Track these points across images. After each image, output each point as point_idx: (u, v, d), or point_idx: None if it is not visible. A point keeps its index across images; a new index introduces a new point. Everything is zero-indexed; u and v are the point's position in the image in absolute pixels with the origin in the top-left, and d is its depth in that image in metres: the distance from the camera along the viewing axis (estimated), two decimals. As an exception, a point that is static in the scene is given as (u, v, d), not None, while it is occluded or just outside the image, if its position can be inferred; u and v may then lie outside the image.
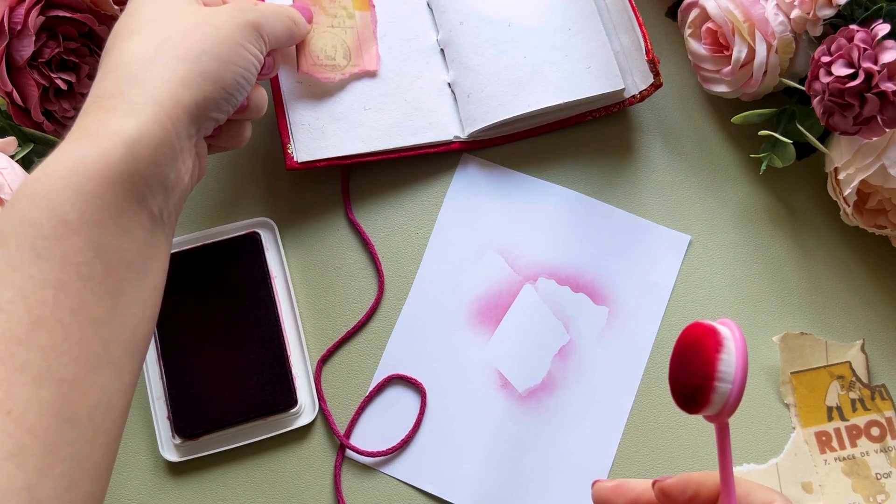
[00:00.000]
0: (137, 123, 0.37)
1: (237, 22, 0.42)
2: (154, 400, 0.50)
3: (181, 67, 0.39)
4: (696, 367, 0.31)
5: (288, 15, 0.48)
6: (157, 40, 0.39)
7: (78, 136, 0.37)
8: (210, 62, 0.40)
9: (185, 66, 0.39)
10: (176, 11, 0.41)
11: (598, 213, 0.54)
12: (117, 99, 0.38)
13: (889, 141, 0.46)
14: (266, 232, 0.53)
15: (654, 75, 0.51)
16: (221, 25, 0.41)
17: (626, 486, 0.36)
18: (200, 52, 0.40)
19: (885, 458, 0.49)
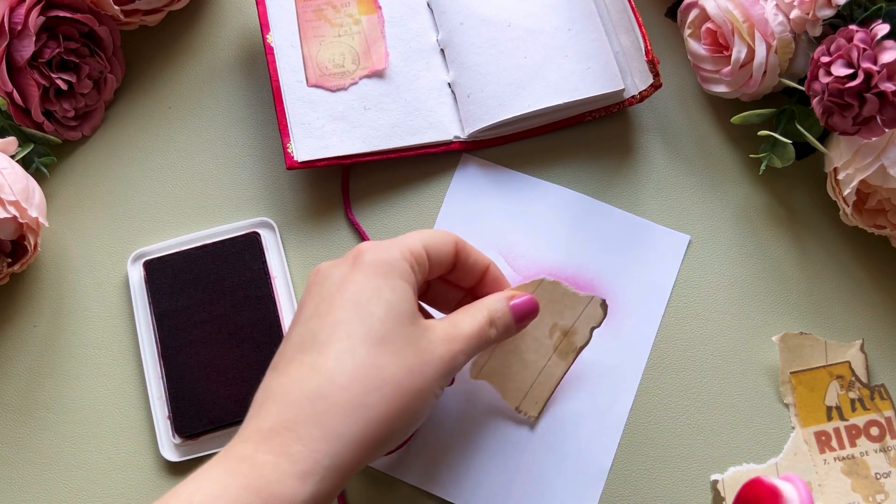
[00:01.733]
0: (311, 491, 0.35)
1: (444, 371, 0.40)
2: (154, 400, 0.50)
3: (373, 430, 0.37)
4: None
5: (506, 325, 0.45)
6: (357, 377, 0.37)
7: (237, 471, 0.35)
8: (401, 424, 0.38)
9: (378, 429, 0.37)
10: (387, 335, 0.39)
11: (597, 213, 0.54)
12: (291, 444, 0.36)
13: (888, 141, 0.46)
14: (266, 232, 0.53)
15: (654, 76, 0.51)
16: (428, 380, 0.39)
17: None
18: (399, 412, 0.37)
19: (885, 457, 0.49)
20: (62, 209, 0.54)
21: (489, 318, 0.43)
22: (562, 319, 0.50)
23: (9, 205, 0.46)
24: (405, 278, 0.41)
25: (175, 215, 0.54)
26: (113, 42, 0.55)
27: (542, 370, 0.50)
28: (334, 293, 0.40)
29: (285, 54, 0.53)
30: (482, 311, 0.44)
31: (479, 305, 0.44)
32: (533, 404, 0.50)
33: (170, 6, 0.56)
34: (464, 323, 0.42)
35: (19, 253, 0.50)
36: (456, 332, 0.42)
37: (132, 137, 0.56)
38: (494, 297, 0.45)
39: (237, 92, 0.57)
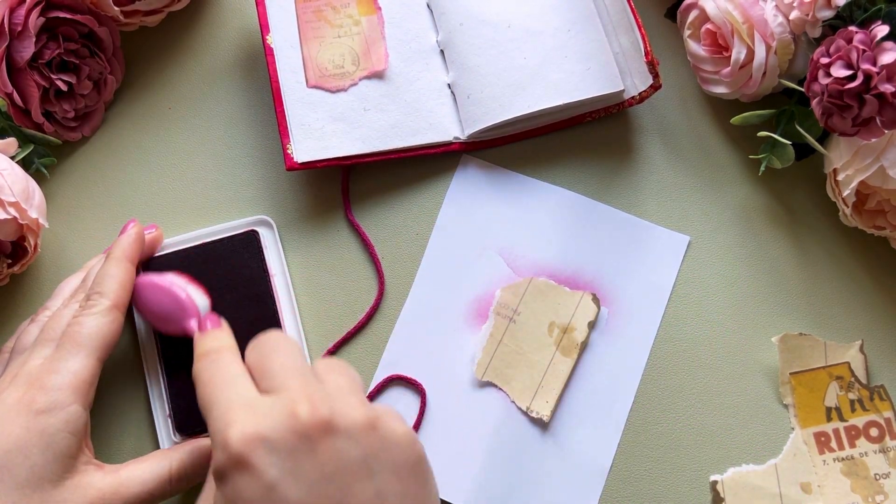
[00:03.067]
0: None
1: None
2: (154, 398, 0.50)
3: None
4: None
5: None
6: None
7: None
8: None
9: None
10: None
11: (597, 214, 0.54)
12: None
13: (888, 142, 0.46)
14: (265, 230, 0.53)
15: (654, 76, 0.51)
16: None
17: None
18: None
19: (884, 458, 0.49)
20: (62, 210, 0.54)
21: (175, 475, 0.44)
22: (558, 317, 0.50)
23: (9, 206, 0.46)
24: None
25: (175, 216, 0.54)
26: (113, 43, 0.55)
27: (547, 368, 0.50)
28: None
29: (285, 55, 0.54)
30: (164, 466, 0.44)
31: (165, 456, 0.45)
32: (544, 403, 0.50)
33: (170, 7, 0.56)
34: (133, 482, 0.43)
35: (19, 254, 0.50)
36: (120, 493, 0.43)
37: (132, 138, 0.56)
38: (188, 446, 0.46)
39: (237, 93, 0.57)
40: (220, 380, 0.38)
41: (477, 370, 0.51)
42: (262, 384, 0.38)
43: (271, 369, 0.38)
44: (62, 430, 0.42)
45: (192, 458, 0.45)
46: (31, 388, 0.42)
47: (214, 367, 0.39)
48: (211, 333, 0.43)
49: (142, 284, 0.48)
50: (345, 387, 0.37)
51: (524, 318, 0.51)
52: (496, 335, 0.51)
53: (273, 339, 0.40)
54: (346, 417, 0.35)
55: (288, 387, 0.36)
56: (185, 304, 0.47)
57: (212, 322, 0.44)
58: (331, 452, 0.34)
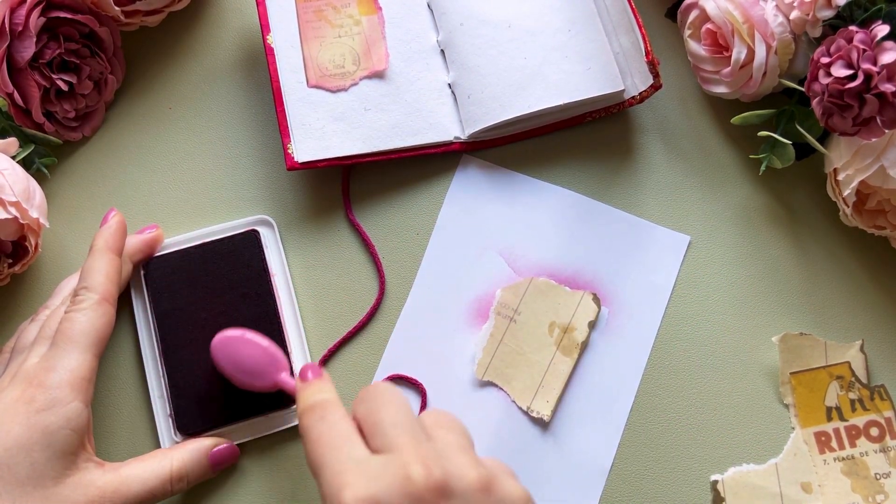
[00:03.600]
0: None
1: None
2: (155, 398, 0.50)
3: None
4: None
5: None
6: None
7: None
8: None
9: None
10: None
11: (597, 214, 0.54)
12: None
13: (888, 142, 0.46)
14: (266, 230, 0.53)
15: (654, 76, 0.51)
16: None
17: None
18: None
19: (885, 458, 0.49)
20: (63, 210, 0.54)
21: (176, 475, 0.44)
22: (558, 317, 0.50)
23: (10, 206, 0.46)
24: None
25: (175, 216, 0.54)
26: (113, 43, 0.55)
27: (547, 368, 0.50)
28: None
29: (285, 55, 0.54)
30: (165, 466, 0.44)
31: (165, 456, 0.45)
32: (544, 403, 0.50)
33: (170, 7, 0.56)
34: (134, 480, 0.43)
35: (20, 254, 0.50)
36: (120, 491, 0.43)
37: (132, 138, 0.56)
38: (189, 446, 0.46)
39: (237, 92, 0.57)
40: (330, 438, 0.37)
41: (477, 370, 0.51)
42: (371, 442, 0.37)
43: (382, 425, 0.37)
44: (64, 428, 0.42)
45: (192, 457, 0.45)
46: (31, 387, 0.42)
47: (323, 425, 0.38)
48: (315, 385, 0.41)
49: (225, 340, 0.47)
50: (455, 444, 0.37)
51: (525, 317, 0.51)
52: (497, 335, 0.51)
53: (381, 391, 0.39)
54: (461, 480, 0.35)
55: (400, 446, 0.36)
56: (275, 355, 0.46)
57: (313, 372, 0.43)
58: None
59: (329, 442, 0.37)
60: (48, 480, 0.41)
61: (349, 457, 0.36)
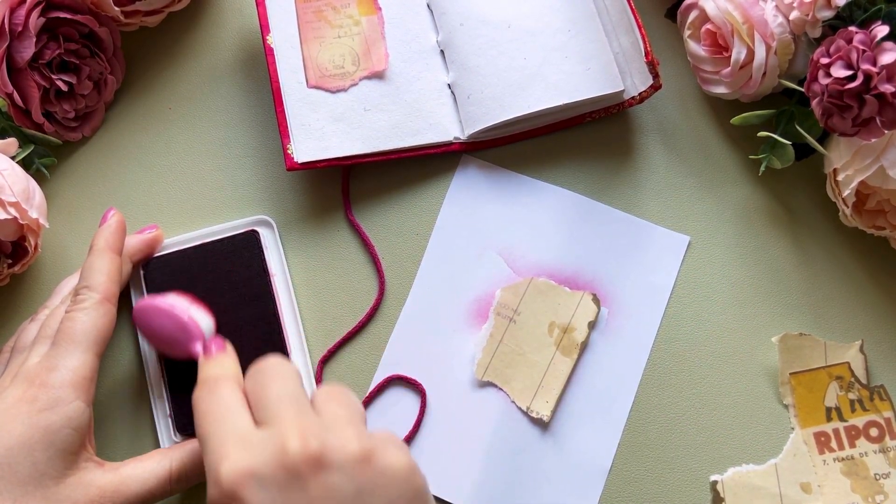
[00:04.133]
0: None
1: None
2: (155, 398, 0.50)
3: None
4: None
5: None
6: None
7: None
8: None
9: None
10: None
11: (596, 215, 0.54)
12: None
13: (888, 142, 0.46)
14: (265, 230, 0.53)
15: (654, 77, 0.51)
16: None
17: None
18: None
19: (884, 458, 0.49)
20: (63, 210, 0.54)
21: (175, 475, 0.44)
22: (558, 317, 0.50)
23: (9, 206, 0.46)
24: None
25: (175, 216, 0.54)
26: (113, 43, 0.55)
27: (547, 369, 0.50)
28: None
29: (285, 55, 0.54)
30: (164, 466, 0.44)
31: (165, 456, 0.45)
32: (544, 403, 0.50)
33: (170, 7, 0.56)
34: (134, 480, 0.43)
35: (20, 254, 0.50)
36: (120, 491, 0.42)
37: (132, 138, 0.56)
38: (189, 446, 0.45)
39: (237, 93, 0.57)
40: (217, 411, 0.38)
41: (477, 370, 0.51)
42: (257, 414, 0.38)
43: (267, 399, 0.38)
44: (65, 427, 0.42)
45: (192, 457, 0.45)
46: (32, 387, 0.42)
47: (212, 398, 0.39)
48: (215, 360, 0.43)
49: (142, 308, 0.47)
50: (342, 417, 0.37)
51: (524, 318, 0.51)
52: (496, 335, 0.51)
53: (271, 365, 0.40)
54: (339, 451, 0.35)
55: (281, 419, 0.36)
56: (188, 326, 0.46)
57: (216, 346, 0.44)
58: (322, 488, 0.34)
59: (214, 415, 0.38)
60: (49, 480, 0.41)
61: (232, 429, 0.37)
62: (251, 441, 0.36)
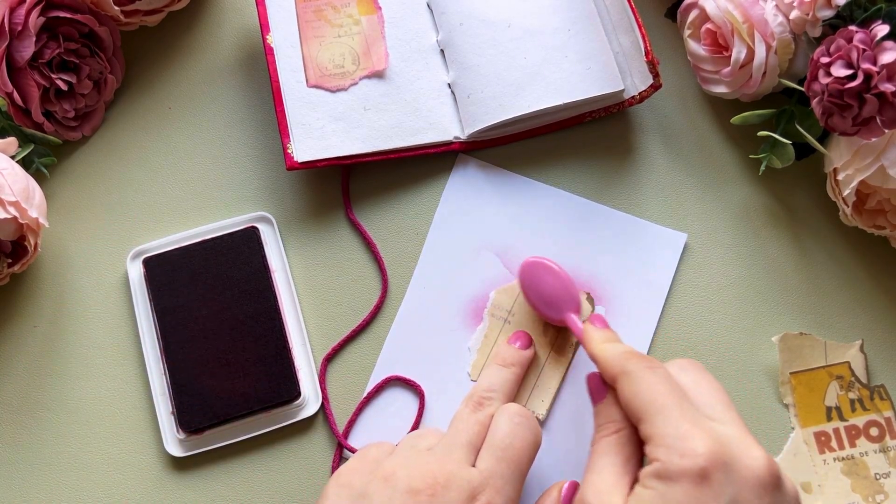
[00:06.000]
0: None
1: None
2: (157, 396, 0.50)
3: None
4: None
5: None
6: None
7: None
8: None
9: None
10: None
11: (593, 214, 0.54)
12: None
13: (888, 142, 0.46)
14: (265, 227, 0.53)
15: (654, 76, 0.51)
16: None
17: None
18: None
19: (884, 458, 0.49)
20: (62, 209, 0.54)
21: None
22: None
23: (9, 205, 0.46)
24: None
25: (175, 216, 0.54)
26: (113, 42, 0.55)
27: (542, 368, 0.50)
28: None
29: (285, 55, 0.54)
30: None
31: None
32: (539, 402, 0.50)
33: (170, 6, 0.56)
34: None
35: (20, 253, 0.50)
36: None
37: (132, 138, 0.56)
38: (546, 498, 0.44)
39: (237, 92, 0.57)
40: (668, 389, 0.38)
41: (472, 371, 0.51)
42: (702, 409, 0.39)
43: (713, 399, 0.39)
44: None
45: None
46: (460, 495, 0.40)
47: (655, 375, 0.39)
48: (609, 333, 0.44)
49: (535, 263, 0.49)
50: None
51: (519, 318, 0.51)
52: (491, 336, 0.51)
53: (701, 368, 0.41)
54: (789, 484, 0.37)
55: (737, 424, 0.38)
56: (572, 294, 0.48)
57: (600, 323, 0.45)
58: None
59: (668, 391, 0.38)
60: None
61: (693, 411, 0.37)
62: (715, 431, 0.36)
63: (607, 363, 0.42)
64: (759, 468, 0.36)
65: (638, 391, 0.39)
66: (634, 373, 0.40)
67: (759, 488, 0.35)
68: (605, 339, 0.44)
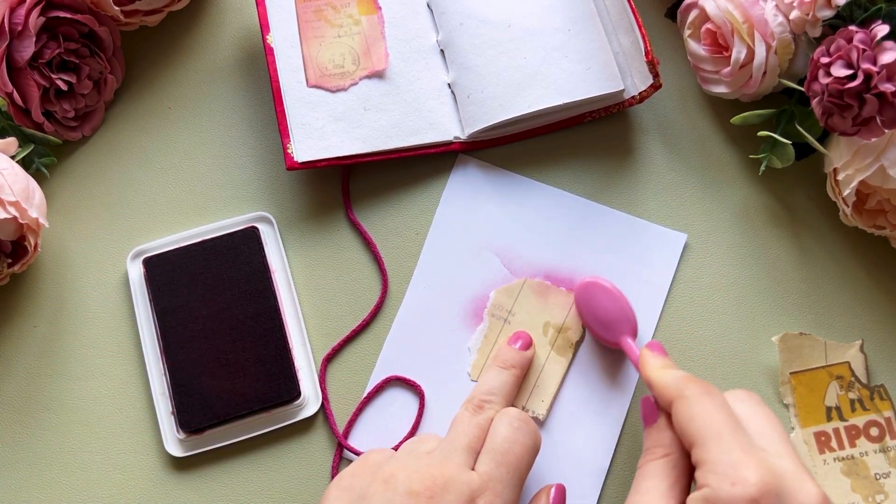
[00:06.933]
0: None
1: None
2: (157, 396, 0.50)
3: None
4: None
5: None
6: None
7: None
8: None
9: None
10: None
11: (592, 214, 0.54)
12: None
13: (888, 142, 0.46)
14: (265, 226, 0.53)
15: (654, 76, 0.51)
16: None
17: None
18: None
19: (884, 458, 0.49)
20: (62, 209, 0.54)
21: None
22: (552, 317, 0.51)
23: (9, 205, 0.46)
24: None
25: (175, 216, 0.54)
26: (113, 42, 0.55)
27: (542, 368, 0.50)
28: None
29: (285, 55, 0.54)
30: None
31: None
32: (539, 402, 0.50)
33: (170, 7, 0.56)
34: None
35: (20, 253, 0.50)
36: None
37: (132, 138, 0.56)
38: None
39: (237, 92, 0.57)
40: (725, 416, 0.38)
41: (472, 371, 0.51)
42: (757, 439, 0.39)
43: (769, 431, 0.39)
44: None
45: None
46: (459, 498, 0.40)
47: (712, 402, 0.39)
48: (666, 360, 0.44)
49: (591, 284, 0.49)
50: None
51: (519, 318, 0.51)
52: (491, 336, 0.51)
53: (760, 402, 0.41)
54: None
55: (791, 458, 0.37)
56: (629, 317, 0.48)
57: (659, 350, 0.45)
58: None
59: (724, 418, 0.38)
60: None
61: (746, 440, 0.37)
62: (768, 462, 0.36)
63: (665, 387, 0.41)
64: (800, 492, 0.35)
65: (694, 415, 0.39)
66: (692, 397, 0.40)
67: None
68: (663, 365, 0.44)
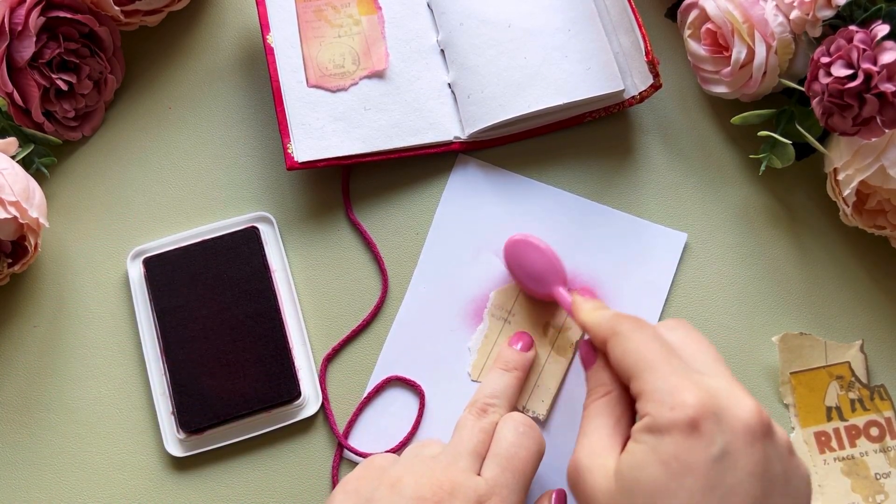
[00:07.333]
0: None
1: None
2: (157, 396, 0.50)
3: None
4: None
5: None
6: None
7: None
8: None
9: None
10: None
11: (592, 214, 0.54)
12: None
13: (888, 142, 0.46)
14: (265, 226, 0.53)
15: (654, 76, 0.51)
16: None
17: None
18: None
19: (885, 458, 0.49)
20: (62, 209, 0.54)
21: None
22: (552, 317, 0.51)
23: (9, 205, 0.46)
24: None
25: (175, 216, 0.54)
26: (113, 42, 0.55)
27: (542, 368, 0.50)
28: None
29: (285, 55, 0.54)
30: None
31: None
32: (540, 402, 0.50)
33: (170, 7, 0.56)
34: None
35: (20, 253, 0.50)
36: None
37: (132, 138, 0.56)
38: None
39: (237, 92, 0.57)
40: (657, 346, 0.39)
41: (472, 372, 0.51)
42: (688, 362, 0.39)
43: (701, 355, 0.40)
44: None
45: None
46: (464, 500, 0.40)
47: (643, 334, 0.40)
48: (598, 302, 0.45)
49: (518, 241, 0.50)
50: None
51: (519, 318, 0.51)
52: (491, 336, 0.51)
53: (691, 328, 0.42)
54: (781, 432, 0.37)
55: (725, 377, 0.38)
56: (558, 268, 0.49)
57: (589, 294, 0.46)
58: (763, 456, 0.35)
59: (657, 348, 0.39)
60: None
61: (682, 366, 0.38)
62: (704, 383, 0.37)
63: (598, 327, 0.42)
64: (749, 417, 0.36)
65: (627, 349, 0.39)
66: (624, 333, 0.40)
67: (749, 436, 0.35)
68: (595, 307, 0.44)
